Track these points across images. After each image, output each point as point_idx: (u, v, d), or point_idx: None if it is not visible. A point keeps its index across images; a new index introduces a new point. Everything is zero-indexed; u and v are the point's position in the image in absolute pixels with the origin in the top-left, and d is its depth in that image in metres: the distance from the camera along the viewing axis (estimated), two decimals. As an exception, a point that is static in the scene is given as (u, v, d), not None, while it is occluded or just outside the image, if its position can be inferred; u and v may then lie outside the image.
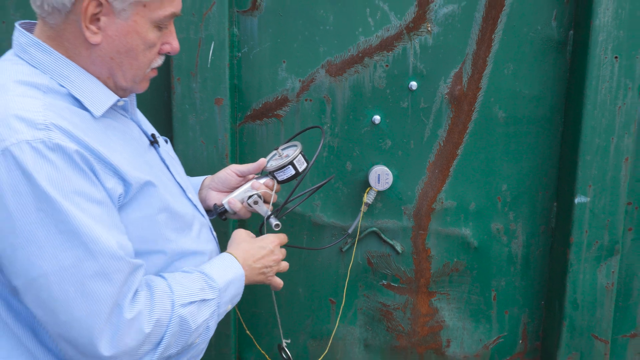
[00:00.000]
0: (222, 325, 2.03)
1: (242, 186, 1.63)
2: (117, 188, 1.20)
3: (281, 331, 1.81)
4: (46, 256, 1.12)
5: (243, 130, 2.05)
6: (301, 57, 2.01)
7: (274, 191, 1.63)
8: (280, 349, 1.76)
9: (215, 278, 1.37)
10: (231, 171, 1.66)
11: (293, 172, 1.61)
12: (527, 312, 2.23)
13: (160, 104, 1.96)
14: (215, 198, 1.64)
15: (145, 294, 1.23)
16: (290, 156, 1.61)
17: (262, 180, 1.63)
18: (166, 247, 1.33)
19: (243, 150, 2.06)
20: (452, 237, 2.15)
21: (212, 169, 1.92)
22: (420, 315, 2.21)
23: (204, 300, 1.32)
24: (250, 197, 1.59)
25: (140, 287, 1.24)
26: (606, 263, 2.06)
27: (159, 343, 1.24)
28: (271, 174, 1.62)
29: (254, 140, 2.05)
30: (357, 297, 2.19)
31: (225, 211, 1.60)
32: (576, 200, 2.01)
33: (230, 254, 1.47)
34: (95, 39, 1.21)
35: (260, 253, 1.53)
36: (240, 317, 2.11)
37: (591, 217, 2.02)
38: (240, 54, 2.00)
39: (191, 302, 1.30)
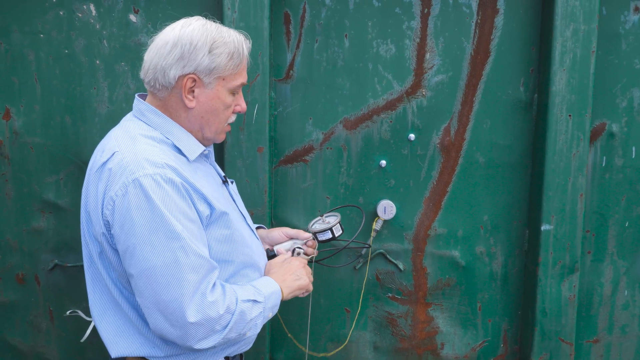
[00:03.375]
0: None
1: (288, 241, 2.05)
2: (206, 211, 1.63)
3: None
4: (156, 253, 1.53)
5: (278, 171, 2.47)
6: (324, 115, 2.43)
7: (315, 248, 2.06)
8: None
9: (261, 289, 1.75)
10: (282, 233, 2.07)
11: (330, 235, 2.06)
12: (506, 320, 2.56)
13: (216, 151, 2.33)
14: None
15: (220, 289, 1.63)
16: (331, 223, 2.05)
17: (306, 236, 2.05)
18: (236, 258, 1.74)
19: (277, 188, 2.47)
20: (444, 258, 2.52)
21: (254, 202, 2.36)
22: (419, 322, 2.56)
23: (255, 301, 1.69)
24: (295, 249, 2.02)
25: (217, 284, 1.63)
26: (568, 279, 2.41)
27: (226, 325, 1.62)
28: (314, 234, 2.07)
29: (286, 179, 2.47)
30: (367, 307, 2.54)
31: (274, 255, 2.02)
32: (542, 228, 2.37)
33: (269, 277, 1.84)
34: (191, 104, 1.67)
35: (287, 272, 1.88)
36: (281, 319, 2.52)
37: (555, 242, 2.39)
38: (276, 113, 2.42)
39: (248, 300, 1.67)
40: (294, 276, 1.90)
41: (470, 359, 2.61)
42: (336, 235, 2.06)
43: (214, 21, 1.72)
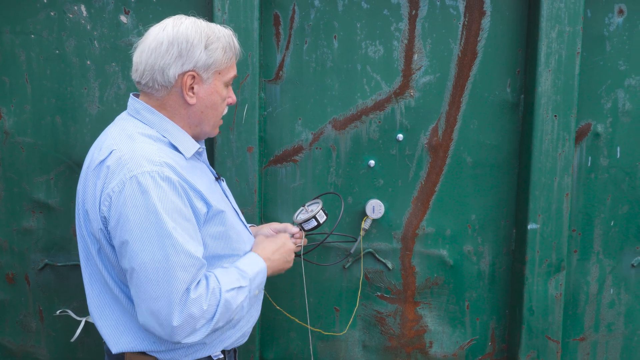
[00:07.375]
0: (249, 327, 2.45)
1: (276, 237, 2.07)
2: (203, 208, 1.66)
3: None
4: (147, 251, 1.55)
5: (267, 171, 2.48)
6: (313, 115, 2.45)
7: (302, 239, 2.08)
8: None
9: (247, 271, 1.76)
10: (270, 229, 2.09)
11: (315, 223, 2.08)
12: (494, 319, 2.59)
13: (207, 150, 2.23)
14: None
15: (204, 284, 1.63)
16: (314, 211, 2.08)
17: (294, 231, 2.07)
18: (235, 252, 1.78)
19: (267, 188, 2.49)
20: (432, 257, 2.54)
21: (244, 201, 2.37)
22: (408, 321, 2.58)
23: (240, 287, 1.71)
24: None
25: (201, 279, 1.64)
26: (555, 277, 2.45)
27: (212, 318, 1.63)
28: (299, 225, 2.09)
29: (276, 179, 2.49)
30: (356, 306, 2.58)
31: None
32: (529, 227, 2.40)
33: (254, 252, 1.86)
34: (192, 101, 1.71)
35: (275, 247, 1.91)
36: (273, 301, 2.53)
37: (541, 240, 2.42)
38: (266, 113, 2.44)
39: (232, 289, 1.68)
40: (283, 258, 1.93)
41: (458, 357, 2.62)
42: (320, 222, 2.08)
43: (198, 18, 1.76)
